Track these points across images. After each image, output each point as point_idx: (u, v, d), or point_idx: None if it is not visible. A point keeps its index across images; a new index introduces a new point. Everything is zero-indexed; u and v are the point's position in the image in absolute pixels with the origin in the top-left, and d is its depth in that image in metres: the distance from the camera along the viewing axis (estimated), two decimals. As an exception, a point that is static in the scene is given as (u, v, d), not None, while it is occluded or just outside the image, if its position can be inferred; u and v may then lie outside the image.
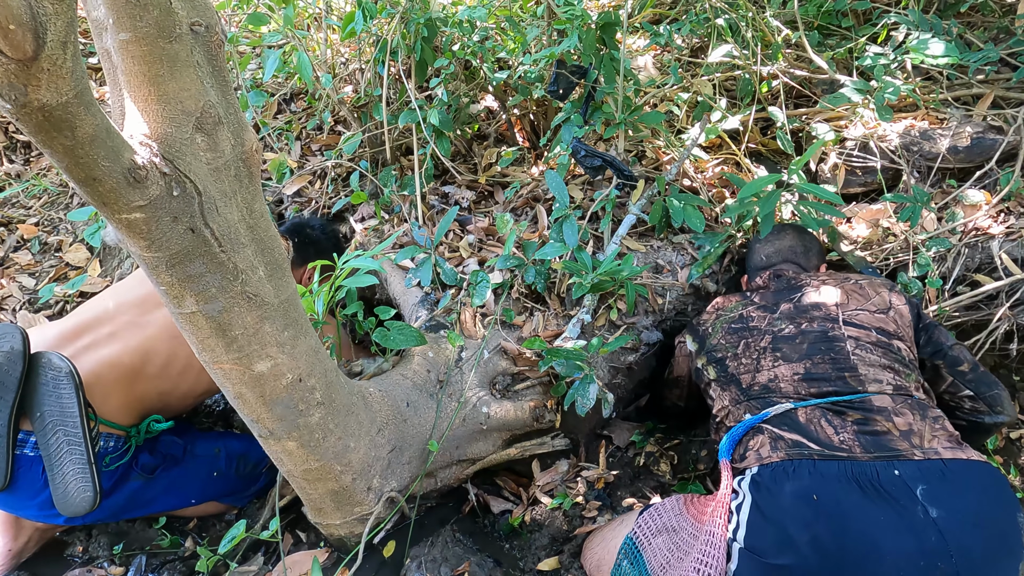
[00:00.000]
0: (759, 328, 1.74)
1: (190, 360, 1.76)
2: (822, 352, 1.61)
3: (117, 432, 1.74)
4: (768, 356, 1.67)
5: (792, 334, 1.68)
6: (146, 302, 1.83)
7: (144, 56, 0.98)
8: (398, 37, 2.27)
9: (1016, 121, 2.22)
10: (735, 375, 1.70)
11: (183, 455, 1.88)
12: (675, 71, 2.38)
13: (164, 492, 1.84)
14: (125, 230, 1.04)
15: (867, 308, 1.70)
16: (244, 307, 1.23)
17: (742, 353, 1.72)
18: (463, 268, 2.21)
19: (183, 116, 1.04)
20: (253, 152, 1.19)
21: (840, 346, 1.61)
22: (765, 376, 1.64)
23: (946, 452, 1.38)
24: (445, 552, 1.72)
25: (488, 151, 2.69)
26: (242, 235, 1.19)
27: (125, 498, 1.76)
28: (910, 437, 1.41)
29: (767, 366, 1.65)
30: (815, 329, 1.67)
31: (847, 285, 1.77)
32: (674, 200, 2.16)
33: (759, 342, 1.71)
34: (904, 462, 1.36)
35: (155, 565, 1.84)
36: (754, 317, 1.78)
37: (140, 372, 1.74)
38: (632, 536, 1.57)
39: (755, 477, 1.44)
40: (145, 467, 1.79)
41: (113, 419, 1.72)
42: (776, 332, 1.70)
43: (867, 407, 1.47)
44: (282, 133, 2.83)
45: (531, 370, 1.95)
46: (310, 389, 1.42)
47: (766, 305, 1.80)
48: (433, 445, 1.75)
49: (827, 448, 1.42)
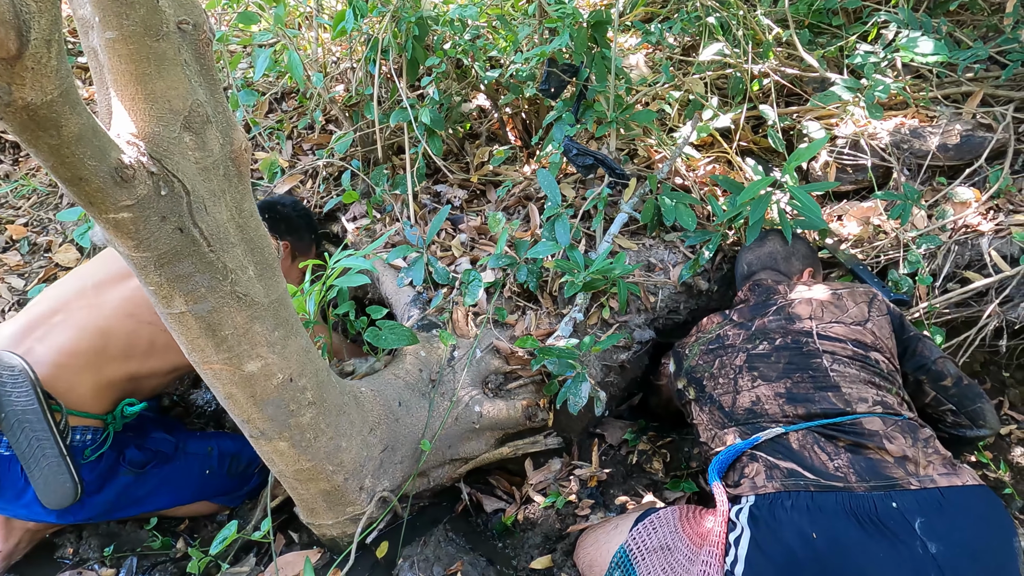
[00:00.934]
0: (733, 346, 1.73)
1: (154, 337, 1.74)
2: (800, 370, 1.60)
3: (93, 423, 1.71)
4: (745, 376, 1.66)
5: (766, 351, 1.67)
6: (101, 284, 1.79)
7: (131, 55, 0.98)
8: (389, 36, 2.26)
9: (1005, 119, 2.23)
10: (712, 395, 1.70)
11: (175, 452, 1.87)
12: (666, 69, 2.38)
13: (156, 490, 1.83)
14: (112, 230, 1.03)
15: (842, 320, 1.67)
16: (234, 307, 1.23)
17: (718, 373, 1.72)
18: (455, 267, 2.21)
19: (171, 115, 1.04)
20: (242, 151, 1.19)
21: (816, 363, 1.60)
22: (747, 398, 1.63)
23: (942, 480, 1.36)
24: (438, 552, 1.72)
25: (480, 150, 2.68)
26: (231, 234, 1.18)
27: (115, 494, 1.75)
28: (905, 464, 1.39)
29: (746, 386, 1.64)
30: (789, 344, 1.65)
31: (824, 297, 1.75)
32: (666, 198, 2.16)
33: (733, 360, 1.70)
34: (901, 492, 1.33)
35: (146, 566, 1.83)
36: (729, 336, 1.77)
37: (102, 354, 1.70)
38: (626, 548, 1.55)
39: (753, 510, 1.41)
40: (134, 462, 1.78)
41: (85, 408, 1.69)
42: (750, 350, 1.69)
43: (858, 431, 1.46)
44: (273, 132, 2.82)
45: (523, 369, 1.95)
46: (301, 389, 1.42)
47: (742, 322, 1.79)
48: (425, 444, 1.75)
49: (823, 477, 1.39)
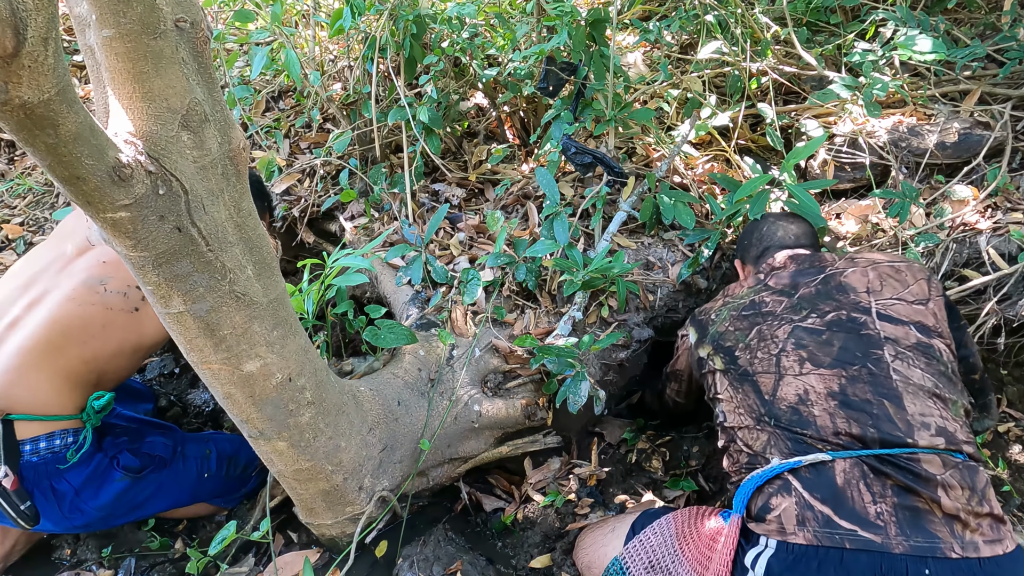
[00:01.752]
0: (773, 314, 1.51)
1: (106, 318, 1.67)
2: (858, 361, 1.38)
3: (69, 424, 1.65)
4: (791, 354, 1.44)
5: (816, 327, 1.45)
6: (36, 279, 1.71)
7: (128, 53, 0.97)
8: (387, 34, 2.25)
9: (1002, 117, 2.23)
10: (748, 372, 1.48)
11: (172, 456, 1.85)
12: (664, 68, 2.38)
13: (154, 495, 1.81)
14: (110, 229, 1.02)
15: (903, 297, 1.47)
16: (232, 306, 1.22)
17: (756, 345, 1.49)
18: (454, 266, 2.20)
19: (168, 114, 1.03)
20: (240, 150, 1.18)
21: (876, 355, 1.39)
22: (792, 389, 1.40)
23: (985, 548, 1.21)
24: (437, 551, 1.72)
25: (478, 148, 2.68)
26: (230, 234, 1.18)
27: (112, 499, 1.73)
28: (952, 524, 1.23)
29: (792, 369, 1.42)
30: (844, 321, 1.44)
31: (881, 267, 1.53)
32: (664, 197, 2.16)
33: (775, 330, 1.48)
34: (939, 561, 1.19)
35: (144, 567, 1.83)
36: (767, 302, 1.54)
37: (52, 347, 1.62)
38: (621, 561, 1.48)
39: (772, 562, 1.25)
40: (129, 468, 1.75)
41: (53, 409, 1.62)
42: (796, 321, 1.47)
43: (915, 469, 1.26)
44: (270, 131, 2.81)
45: (522, 368, 1.94)
46: (300, 389, 1.41)
47: (783, 288, 1.56)
48: (425, 444, 1.74)
49: (861, 526, 1.23)
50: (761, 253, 1.79)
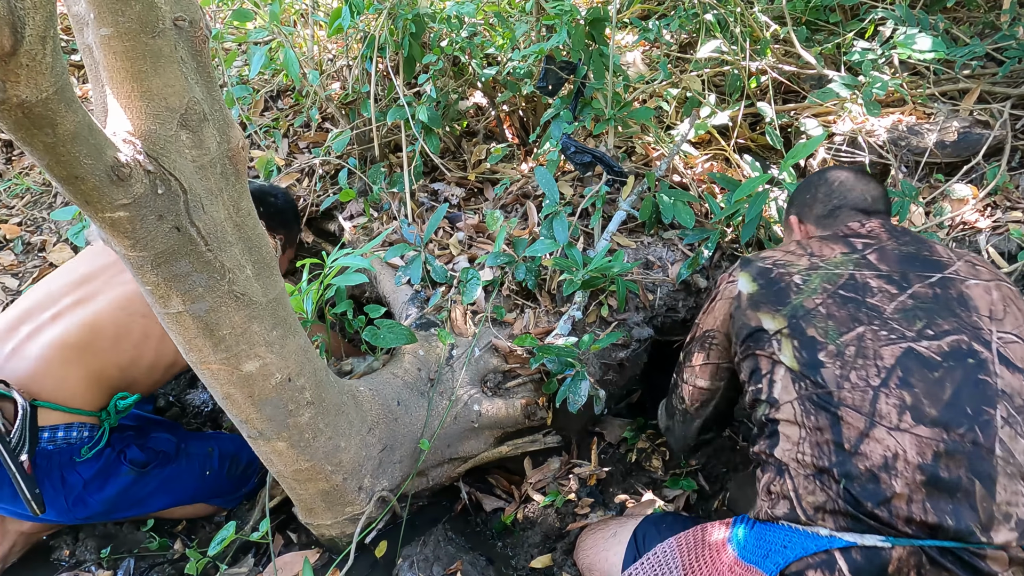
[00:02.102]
0: (881, 314, 1.17)
1: (147, 330, 1.72)
2: (965, 422, 1.08)
3: (88, 419, 1.69)
4: (892, 395, 1.11)
5: (932, 356, 1.13)
6: (90, 279, 1.77)
7: (126, 52, 0.97)
8: (386, 33, 2.25)
9: (1002, 116, 2.23)
10: (834, 399, 1.13)
11: (176, 453, 1.86)
12: (664, 67, 2.37)
13: (157, 490, 1.82)
14: (109, 229, 1.02)
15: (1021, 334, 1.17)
16: (232, 306, 1.22)
17: (853, 359, 1.15)
18: (453, 265, 2.20)
19: (167, 113, 1.03)
20: (239, 149, 1.18)
21: (988, 416, 1.09)
22: (880, 449, 1.09)
23: None
24: (437, 551, 1.71)
25: (477, 148, 2.67)
26: (229, 233, 1.17)
27: (117, 492, 1.74)
28: None
29: (889, 418, 1.10)
30: (963, 353, 1.13)
31: (1004, 287, 1.24)
32: (664, 196, 2.15)
33: (881, 346, 1.14)
34: None
35: (143, 568, 1.82)
36: (872, 288, 1.20)
37: (89, 347, 1.67)
38: None
39: None
40: (136, 462, 1.76)
41: (77, 404, 1.66)
42: (911, 339, 1.14)
43: (977, 566, 1.06)
44: (269, 130, 2.80)
45: (522, 367, 1.94)
46: (299, 389, 1.41)
47: (889, 273, 1.23)
48: (424, 444, 1.74)
49: None
50: (830, 212, 1.46)
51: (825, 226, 1.46)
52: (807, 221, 1.53)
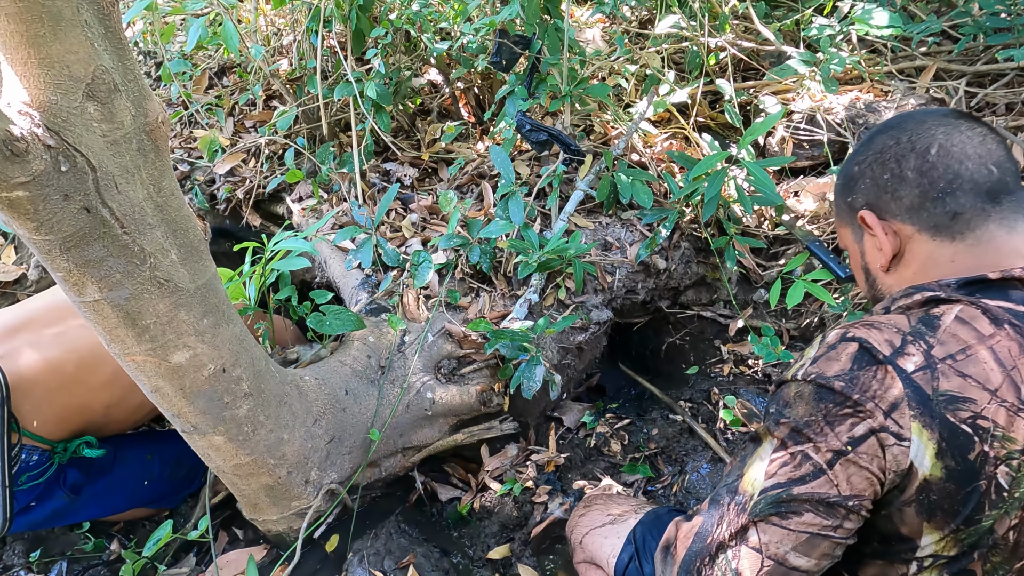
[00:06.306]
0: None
1: None
2: None
3: (41, 446, 1.54)
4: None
5: None
6: None
7: (20, 14, 0.87)
8: (332, 5, 2.14)
9: (957, 93, 2.22)
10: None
11: (112, 464, 1.70)
12: (620, 41, 2.31)
13: (88, 505, 1.68)
14: (8, 210, 0.93)
15: None
16: (155, 294, 1.13)
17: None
18: (405, 248, 2.12)
19: (70, 82, 0.93)
20: (159, 123, 1.08)
21: None
22: None
23: None
24: (389, 544, 1.65)
25: (431, 126, 2.59)
26: (149, 215, 1.08)
27: (45, 516, 1.61)
28: None
29: None
30: None
31: None
32: (622, 175, 2.10)
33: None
34: None
35: (77, 571, 1.73)
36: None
37: (83, 382, 1.54)
38: None
39: None
40: (73, 486, 1.62)
41: (41, 431, 1.52)
42: None
43: None
44: (212, 108, 2.67)
45: (477, 353, 1.88)
46: (236, 380, 1.33)
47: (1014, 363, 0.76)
48: (375, 434, 1.67)
49: None
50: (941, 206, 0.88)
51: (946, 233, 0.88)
52: (898, 218, 0.92)
